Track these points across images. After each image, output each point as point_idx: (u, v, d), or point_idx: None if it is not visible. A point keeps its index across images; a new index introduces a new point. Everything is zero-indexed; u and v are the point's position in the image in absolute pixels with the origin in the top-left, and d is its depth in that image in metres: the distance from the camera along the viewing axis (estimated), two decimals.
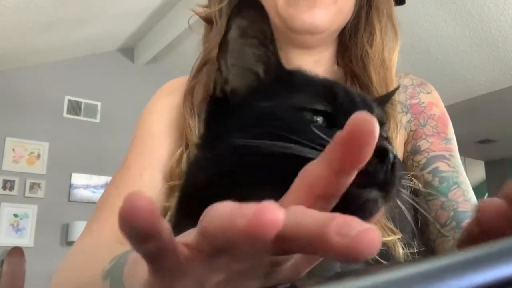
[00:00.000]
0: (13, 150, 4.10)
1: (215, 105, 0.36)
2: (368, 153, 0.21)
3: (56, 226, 4.09)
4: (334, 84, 0.33)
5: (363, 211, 0.27)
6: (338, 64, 0.74)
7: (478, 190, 8.50)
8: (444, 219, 0.61)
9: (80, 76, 4.45)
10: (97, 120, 4.48)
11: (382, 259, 0.49)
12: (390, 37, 0.69)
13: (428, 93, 0.75)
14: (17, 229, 3.97)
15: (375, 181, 0.27)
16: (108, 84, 4.56)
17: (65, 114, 4.35)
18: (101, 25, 3.93)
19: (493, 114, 5.11)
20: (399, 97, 0.71)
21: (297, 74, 0.35)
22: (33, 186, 4.09)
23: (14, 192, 4.02)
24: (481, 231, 0.24)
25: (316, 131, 0.28)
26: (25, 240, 3.96)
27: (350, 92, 0.32)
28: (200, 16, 0.71)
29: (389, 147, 0.27)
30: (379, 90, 0.65)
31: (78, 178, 4.26)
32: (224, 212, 0.21)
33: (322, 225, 0.19)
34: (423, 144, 0.69)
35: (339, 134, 0.22)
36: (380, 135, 0.24)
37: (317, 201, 0.23)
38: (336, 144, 0.22)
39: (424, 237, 0.63)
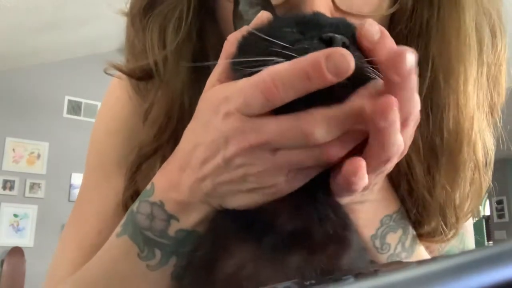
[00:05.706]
0: (13, 150, 4.10)
1: None
2: None
3: (56, 226, 4.08)
4: (310, 14, 0.37)
5: None
6: None
7: None
8: None
9: (80, 76, 4.44)
10: None
11: None
12: None
13: None
14: (17, 229, 3.98)
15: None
16: (108, 84, 4.55)
17: (65, 114, 4.36)
18: (101, 25, 3.93)
19: None
20: None
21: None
22: (33, 186, 4.10)
23: (14, 192, 4.02)
24: None
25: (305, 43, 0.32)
26: (25, 240, 3.96)
27: (320, 18, 0.36)
28: (125, 73, 0.52)
29: (338, 37, 0.31)
30: None
31: (78, 178, 4.26)
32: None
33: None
34: None
35: None
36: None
37: None
38: None
39: None
